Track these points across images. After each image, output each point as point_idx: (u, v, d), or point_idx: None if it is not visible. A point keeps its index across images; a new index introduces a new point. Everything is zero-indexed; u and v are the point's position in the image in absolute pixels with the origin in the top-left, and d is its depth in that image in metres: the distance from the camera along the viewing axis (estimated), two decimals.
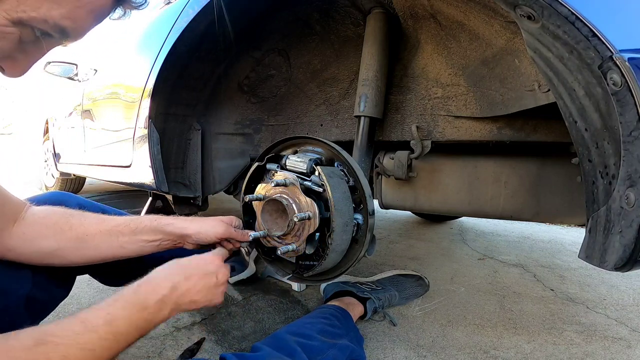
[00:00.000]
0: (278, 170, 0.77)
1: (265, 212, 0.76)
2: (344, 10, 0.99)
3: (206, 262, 0.61)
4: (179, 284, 0.56)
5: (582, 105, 0.51)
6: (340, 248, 0.70)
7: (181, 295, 0.56)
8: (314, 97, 1.22)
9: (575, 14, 0.47)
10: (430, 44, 0.91)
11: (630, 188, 0.45)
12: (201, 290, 0.58)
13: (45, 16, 0.40)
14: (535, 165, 0.90)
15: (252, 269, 1.30)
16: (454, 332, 1.05)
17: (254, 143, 1.37)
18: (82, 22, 0.43)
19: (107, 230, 0.68)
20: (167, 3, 1.36)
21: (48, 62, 2.30)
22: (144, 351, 0.91)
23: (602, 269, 0.50)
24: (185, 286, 0.57)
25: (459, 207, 1.01)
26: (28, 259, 0.65)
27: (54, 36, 0.42)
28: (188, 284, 0.57)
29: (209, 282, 0.60)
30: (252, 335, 1.00)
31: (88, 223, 0.68)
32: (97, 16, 0.45)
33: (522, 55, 0.68)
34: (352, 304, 1.02)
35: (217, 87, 1.23)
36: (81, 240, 0.67)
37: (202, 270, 0.60)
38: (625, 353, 0.98)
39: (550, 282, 1.45)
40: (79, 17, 0.42)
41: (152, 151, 1.16)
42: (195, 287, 0.58)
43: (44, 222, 0.65)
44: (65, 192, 0.86)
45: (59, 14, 0.40)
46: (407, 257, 1.72)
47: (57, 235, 0.65)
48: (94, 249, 0.68)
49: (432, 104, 0.95)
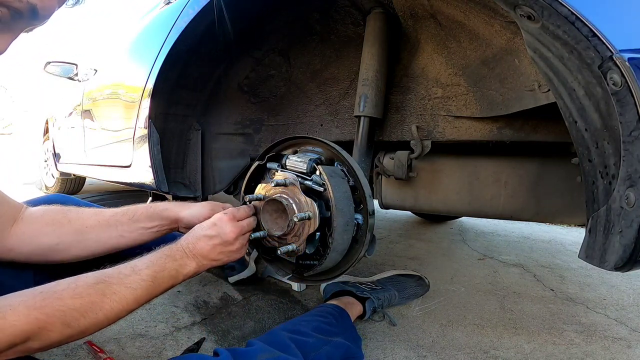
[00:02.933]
0: (278, 170, 0.77)
1: (265, 212, 0.76)
2: (344, 10, 0.99)
3: (222, 222, 0.66)
4: (198, 241, 0.65)
5: (582, 105, 0.50)
6: (340, 248, 0.70)
7: (200, 254, 0.64)
8: (314, 97, 1.22)
9: (575, 14, 0.47)
10: (430, 44, 0.91)
11: (630, 188, 0.45)
12: (221, 253, 0.66)
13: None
14: (535, 165, 0.90)
15: (252, 269, 1.30)
16: (454, 332, 1.05)
17: (254, 143, 1.37)
18: (49, 2, 0.46)
19: (105, 220, 0.71)
20: (167, 3, 1.36)
21: (48, 62, 2.30)
22: (144, 351, 0.91)
23: (602, 269, 0.50)
24: (207, 243, 0.65)
25: (459, 207, 1.01)
26: (29, 258, 0.65)
27: (24, 16, 0.44)
28: (209, 242, 0.65)
29: (228, 248, 0.66)
30: (252, 335, 1.00)
31: (86, 216, 0.70)
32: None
33: (522, 55, 0.68)
34: (351, 304, 1.02)
35: (217, 87, 1.23)
36: (81, 233, 0.68)
37: (217, 231, 0.66)
38: (625, 353, 0.98)
39: (550, 282, 1.45)
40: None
41: (152, 151, 1.16)
42: (215, 250, 0.65)
43: (42, 219, 0.67)
44: (63, 195, 0.88)
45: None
46: (407, 257, 1.72)
47: (56, 231, 0.67)
48: (94, 241, 0.69)
49: (432, 104, 0.95)
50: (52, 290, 0.51)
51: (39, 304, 0.48)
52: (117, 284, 0.54)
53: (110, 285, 0.54)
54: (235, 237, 0.67)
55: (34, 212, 0.67)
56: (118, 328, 1.00)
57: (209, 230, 0.66)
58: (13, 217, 0.64)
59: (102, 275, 0.55)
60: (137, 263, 0.59)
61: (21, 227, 0.65)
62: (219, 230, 0.66)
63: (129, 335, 0.97)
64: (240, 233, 0.68)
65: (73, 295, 0.51)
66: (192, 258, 0.64)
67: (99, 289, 0.53)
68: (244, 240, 0.70)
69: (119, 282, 0.55)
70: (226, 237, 0.66)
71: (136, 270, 0.57)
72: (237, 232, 0.67)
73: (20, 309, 0.46)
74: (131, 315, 1.05)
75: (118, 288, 0.54)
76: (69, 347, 0.89)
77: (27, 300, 0.48)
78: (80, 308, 0.50)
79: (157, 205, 0.75)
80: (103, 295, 0.53)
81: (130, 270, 0.57)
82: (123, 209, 0.74)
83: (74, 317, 0.50)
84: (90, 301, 0.51)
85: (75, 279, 0.54)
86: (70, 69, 2.25)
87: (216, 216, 0.68)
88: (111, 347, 0.91)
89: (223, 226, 0.66)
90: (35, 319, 0.47)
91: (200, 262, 0.64)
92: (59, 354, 0.87)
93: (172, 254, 0.63)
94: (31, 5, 0.43)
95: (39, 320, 0.47)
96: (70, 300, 0.50)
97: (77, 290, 0.51)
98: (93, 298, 0.52)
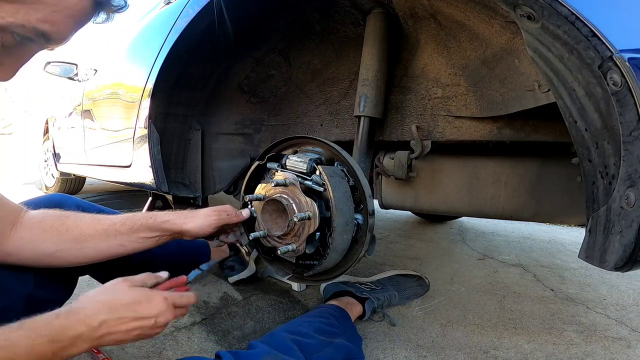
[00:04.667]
0: (278, 170, 0.77)
1: (265, 212, 0.76)
2: (344, 10, 0.99)
3: (149, 304, 0.56)
4: (105, 324, 0.51)
5: (582, 105, 0.50)
6: (340, 248, 0.70)
7: (106, 334, 0.52)
8: (314, 97, 1.22)
9: (575, 14, 0.47)
10: (430, 44, 0.91)
11: (630, 188, 0.45)
12: (133, 330, 0.54)
13: (23, 21, 0.40)
14: (535, 165, 0.90)
15: (252, 269, 1.30)
16: (454, 332, 1.05)
17: (254, 143, 1.37)
18: (62, 26, 0.43)
19: (104, 230, 0.69)
20: (167, 3, 1.36)
21: (48, 62, 2.30)
22: (144, 351, 0.91)
23: (602, 269, 0.50)
24: (115, 327, 0.52)
25: (459, 207, 1.01)
26: (28, 262, 0.65)
27: (35, 40, 0.42)
28: (118, 324, 0.53)
29: (145, 324, 0.55)
30: (252, 335, 1.00)
31: (84, 224, 0.68)
32: (78, 21, 0.45)
33: (522, 55, 0.68)
34: (350, 304, 1.02)
35: (217, 87, 1.23)
36: (79, 242, 0.67)
37: (140, 314, 0.55)
38: (625, 353, 0.98)
39: (550, 282, 1.45)
40: (58, 21, 0.42)
41: (152, 151, 1.16)
42: (126, 328, 0.53)
43: (40, 225, 0.66)
44: (63, 194, 0.87)
45: (36, 19, 0.40)
46: (407, 257, 1.72)
47: (54, 238, 0.66)
48: (93, 250, 0.68)
49: (432, 104, 0.95)
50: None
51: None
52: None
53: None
54: (158, 313, 0.56)
55: (33, 217, 0.66)
56: None
57: (147, 309, 0.55)
58: (12, 222, 0.63)
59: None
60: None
61: (20, 232, 0.63)
62: (158, 312, 0.56)
63: None
64: (169, 308, 0.58)
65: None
66: (88, 341, 0.50)
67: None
68: (167, 318, 0.58)
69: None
70: (163, 321, 0.57)
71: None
72: (165, 306, 0.57)
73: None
74: None
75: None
76: None
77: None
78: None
79: (157, 215, 0.72)
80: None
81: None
82: (122, 217, 0.71)
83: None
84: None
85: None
86: (70, 69, 2.25)
87: (159, 297, 0.58)
88: (111, 347, 0.91)
89: (164, 310, 0.57)
90: None
91: (98, 344, 0.51)
92: None
93: (54, 334, 0.47)
94: (39, 31, 0.41)
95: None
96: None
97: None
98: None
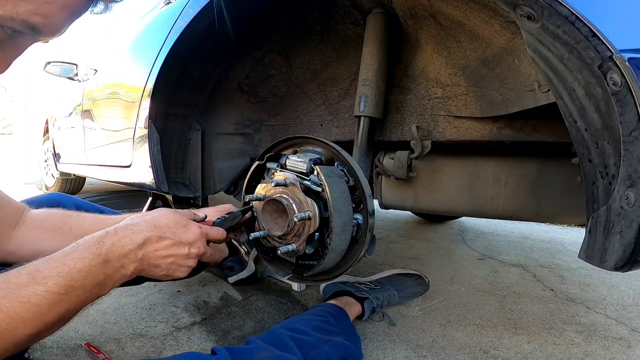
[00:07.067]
0: (278, 170, 0.77)
1: (265, 212, 0.76)
2: (344, 10, 0.99)
3: (187, 229, 0.57)
4: (149, 241, 0.52)
5: (582, 105, 0.50)
6: (339, 248, 0.70)
7: (148, 254, 0.52)
8: (314, 97, 1.22)
9: (575, 14, 0.47)
10: (430, 44, 0.91)
11: (630, 188, 0.45)
12: (169, 256, 0.54)
13: (12, 13, 0.38)
14: (535, 165, 0.90)
15: (251, 269, 1.30)
16: (454, 332, 1.05)
17: (254, 143, 1.37)
18: (55, 18, 0.41)
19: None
20: (167, 3, 1.36)
21: (48, 62, 2.30)
22: (144, 351, 0.91)
23: (602, 269, 0.50)
24: (155, 246, 0.52)
25: (459, 207, 1.01)
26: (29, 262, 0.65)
27: (26, 33, 0.41)
28: (159, 244, 0.53)
29: (180, 251, 0.55)
30: (251, 335, 1.00)
31: (87, 223, 0.69)
32: (73, 12, 0.43)
33: (522, 55, 0.68)
34: (349, 304, 1.03)
35: (217, 87, 1.23)
36: None
37: (178, 237, 0.55)
38: (625, 353, 0.98)
39: (550, 282, 1.45)
40: (50, 13, 0.40)
41: (152, 151, 1.16)
42: (164, 251, 0.53)
43: (42, 225, 0.66)
44: (63, 194, 0.87)
45: (25, 11, 0.39)
46: (407, 257, 1.72)
47: (57, 237, 0.66)
48: None
49: (432, 104, 0.95)
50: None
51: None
52: (5, 297, 0.40)
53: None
54: (194, 240, 0.57)
55: (35, 216, 0.66)
56: (118, 328, 1.00)
57: (185, 235, 0.56)
58: (15, 221, 0.64)
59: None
60: (42, 266, 0.44)
61: (22, 231, 0.64)
62: (194, 239, 0.57)
63: (128, 335, 0.97)
64: (203, 237, 0.59)
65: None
66: (134, 261, 0.50)
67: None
68: (199, 250, 0.58)
69: (7, 294, 0.40)
70: (195, 252, 0.57)
71: (37, 279, 0.42)
72: (200, 234, 0.58)
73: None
74: (131, 315, 1.06)
75: (8, 303, 0.40)
76: (69, 347, 0.89)
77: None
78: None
79: None
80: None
81: (29, 278, 0.42)
82: (123, 217, 0.71)
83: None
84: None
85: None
86: (70, 69, 2.25)
87: (195, 225, 0.58)
88: (111, 347, 0.91)
89: (198, 238, 0.57)
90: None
91: (140, 267, 0.51)
92: (59, 354, 0.87)
93: (106, 253, 0.48)
94: (29, 24, 0.39)
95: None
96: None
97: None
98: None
